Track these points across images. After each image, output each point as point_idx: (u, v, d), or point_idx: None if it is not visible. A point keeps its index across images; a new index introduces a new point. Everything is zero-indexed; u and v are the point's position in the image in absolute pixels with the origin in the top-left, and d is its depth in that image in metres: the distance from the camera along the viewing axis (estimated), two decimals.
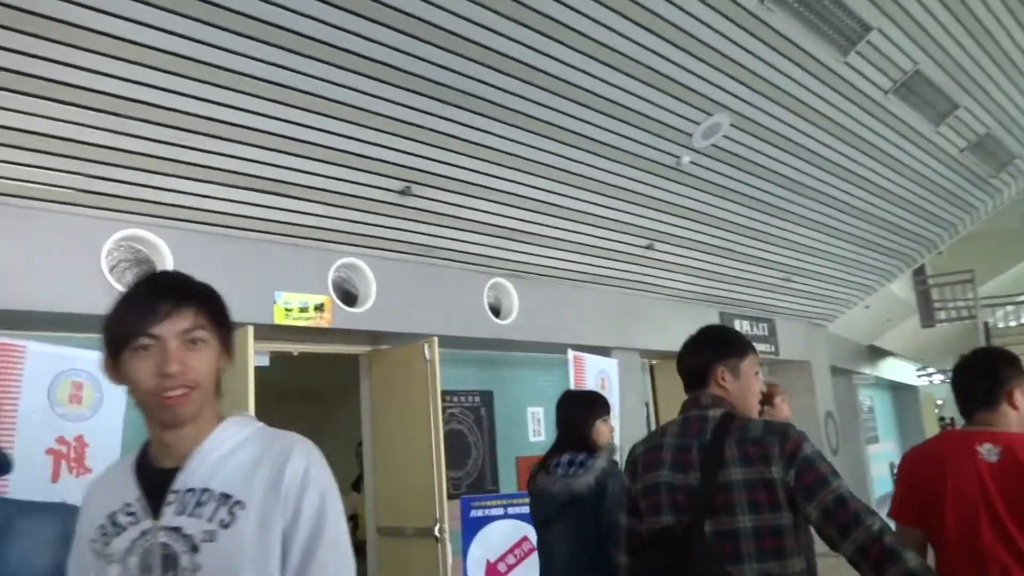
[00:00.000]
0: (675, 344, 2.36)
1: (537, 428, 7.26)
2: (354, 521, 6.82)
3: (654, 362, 8.71)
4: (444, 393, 6.45)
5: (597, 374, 5.95)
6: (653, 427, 8.49)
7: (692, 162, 6.09)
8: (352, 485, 7.51)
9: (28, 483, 3.34)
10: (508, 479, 6.90)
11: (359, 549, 6.13)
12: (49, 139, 3.81)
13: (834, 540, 1.81)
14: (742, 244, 7.71)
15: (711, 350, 2.15)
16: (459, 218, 5.68)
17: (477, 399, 6.81)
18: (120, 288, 4.30)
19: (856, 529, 1.77)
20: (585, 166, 5.72)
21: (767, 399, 5.00)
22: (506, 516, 5.38)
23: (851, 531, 1.77)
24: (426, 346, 5.55)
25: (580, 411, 3.07)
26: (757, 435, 1.89)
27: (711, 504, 1.85)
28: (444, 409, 6.42)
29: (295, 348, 5.66)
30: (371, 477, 6.07)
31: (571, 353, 5.77)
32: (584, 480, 2.80)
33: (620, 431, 7.19)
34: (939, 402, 21.34)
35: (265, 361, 5.68)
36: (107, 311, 1.47)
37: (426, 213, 5.47)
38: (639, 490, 2.07)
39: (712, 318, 8.80)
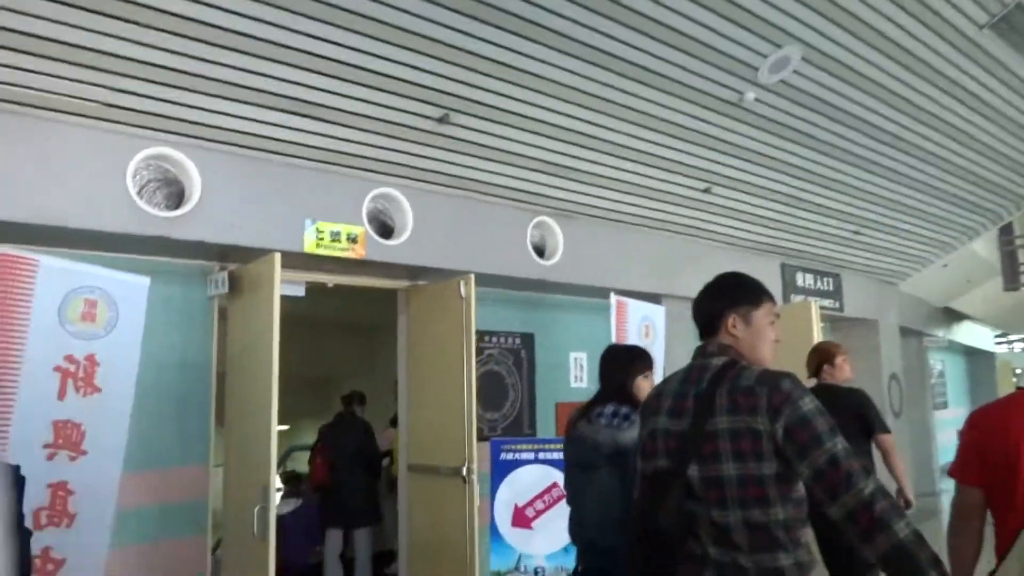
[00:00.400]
0: None
1: (579, 374, 7.05)
2: (390, 457, 6.78)
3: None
4: (483, 333, 6.29)
5: (641, 321, 5.67)
6: None
7: (757, 99, 5.64)
8: (390, 421, 7.48)
9: (34, 400, 3.30)
10: (546, 424, 6.74)
11: (393, 485, 6.10)
12: (74, 48, 3.67)
13: (823, 502, 1.77)
14: (809, 191, 7.22)
15: (724, 297, 2.13)
16: (503, 151, 5.40)
17: (517, 341, 6.61)
18: (149, 209, 4.20)
19: (846, 493, 1.73)
20: (640, 100, 5.33)
21: (828, 358, 4.67)
22: (536, 461, 5.22)
23: (841, 495, 1.73)
24: (462, 283, 5.35)
25: (620, 365, 3.06)
26: (748, 384, 1.88)
27: (698, 451, 1.88)
28: (482, 350, 6.27)
29: (330, 279, 5.53)
30: (404, 414, 5.97)
31: (614, 297, 5.50)
32: (630, 434, 2.77)
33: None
34: (1017, 371, 20.27)
35: (300, 291, 5.58)
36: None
37: (468, 144, 5.21)
38: (644, 435, 2.12)
39: (773, 270, 8.36)
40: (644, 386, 3.07)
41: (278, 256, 4.46)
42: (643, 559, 1.94)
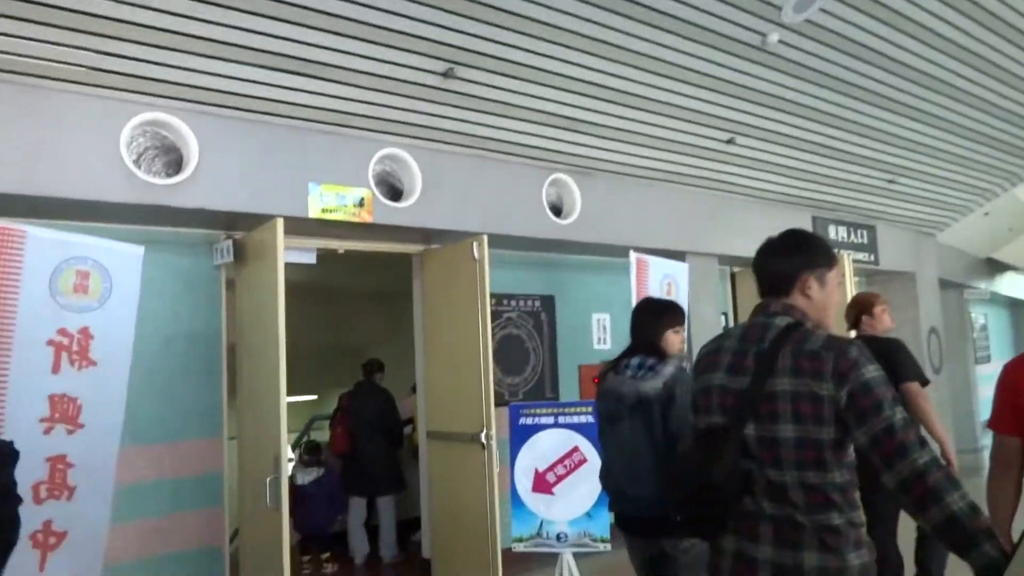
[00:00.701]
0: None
1: (602, 335, 6.87)
2: (412, 424, 6.68)
3: (736, 270, 8.09)
4: (501, 297, 6.14)
5: (662, 279, 5.46)
6: None
7: (781, 41, 5.32)
8: (412, 388, 7.38)
9: (28, 374, 3.22)
10: (569, 387, 6.59)
11: (416, 452, 6.00)
12: (59, 11, 3.52)
13: (878, 469, 1.77)
14: (840, 139, 6.88)
15: (802, 256, 2.05)
16: (514, 105, 5.18)
17: (537, 303, 6.44)
18: (145, 176, 4.08)
19: (900, 462, 1.73)
20: (658, 47, 5.06)
21: (866, 308, 4.46)
22: (556, 425, 5.07)
23: (895, 463, 1.73)
24: (475, 245, 5.18)
25: (651, 318, 3.03)
26: (814, 348, 1.85)
27: (756, 410, 1.88)
28: (501, 313, 6.12)
29: (340, 245, 5.39)
30: (422, 380, 5.86)
31: (633, 255, 5.29)
32: (652, 384, 2.81)
33: (692, 341, 6.73)
34: None
35: (311, 259, 5.46)
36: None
37: (476, 99, 5.00)
38: (697, 389, 2.11)
39: (804, 223, 8.05)
40: (674, 340, 3.06)
41: (280, 222, 4.32)
42: (695, 513, 1.96)
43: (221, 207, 4.36)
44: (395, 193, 5.19)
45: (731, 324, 8.03)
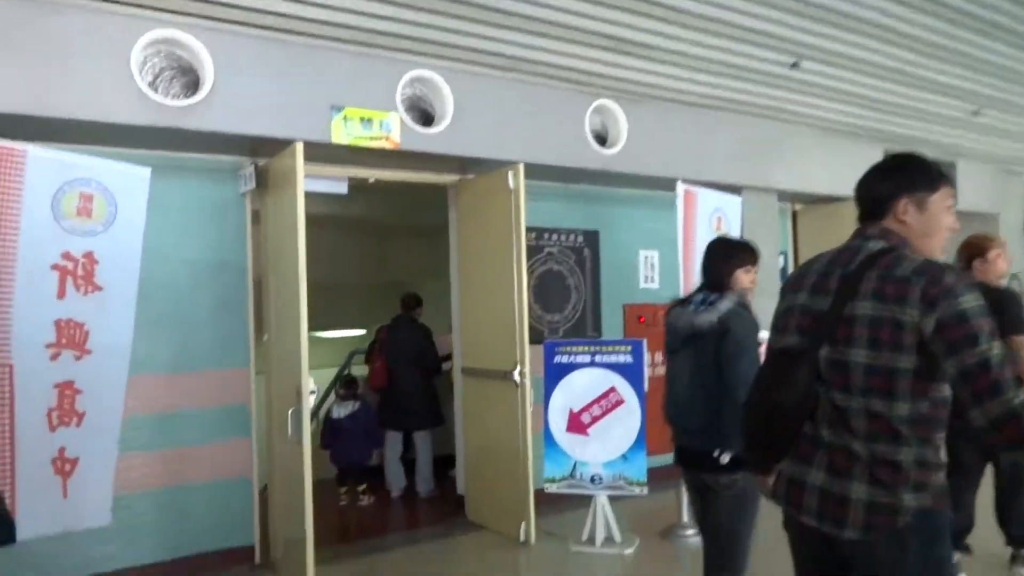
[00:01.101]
0: (825, 186, 1.95)
1: (649, 274, 6.55)
2: (450, 361, 6.54)
3: (798, 207, 7.60)
4: (542, 231, 5.88)
5: (711, 213, 5.10)
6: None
7: None
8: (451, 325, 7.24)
9: (33, 300, 3.13)
10: (613, 327, 6.32)
11: (452, 389, 5.87)
12: None
13: (966, 404, 1.67)
14: (917, 64, 6.26)
15: (897, 179, 1.97)
16: (555, 23, 4.80)
17: (580, 239, 6.15)
18: (158, 98, 3.91)
19: (992, 400, 1.63)
20: None
21: (979, 252, 4.24)
22: (593, 364, 4.83)
23: (985, 401, 1.63)
24: (510, 174, 4.91)
25: (722, 256, 3.00)
26: (903, 274, 1.76)
27: (832, 332, 1.83)
28: (541, 248, 5.87)
29: (370, 174, 5.18)
30: (457, 316, 5.68)
31: (681, 186, 4.93)
32: (707, 317, 2.80)
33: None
34: None
35: (342, 188, 5.28)
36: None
37: (513, 17, 4.63)
38: (779, 310, 2.09)
39: (874, 158, 7.43)
40: (743, 279, 3.02)
41: (300, 147, 4.12)
42: (759, 434, 1.95)
43: (238, 131, 4.18)
44: (427, 119, 4.93)
45: (791, 265, 7.59)
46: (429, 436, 6.23)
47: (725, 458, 2.73)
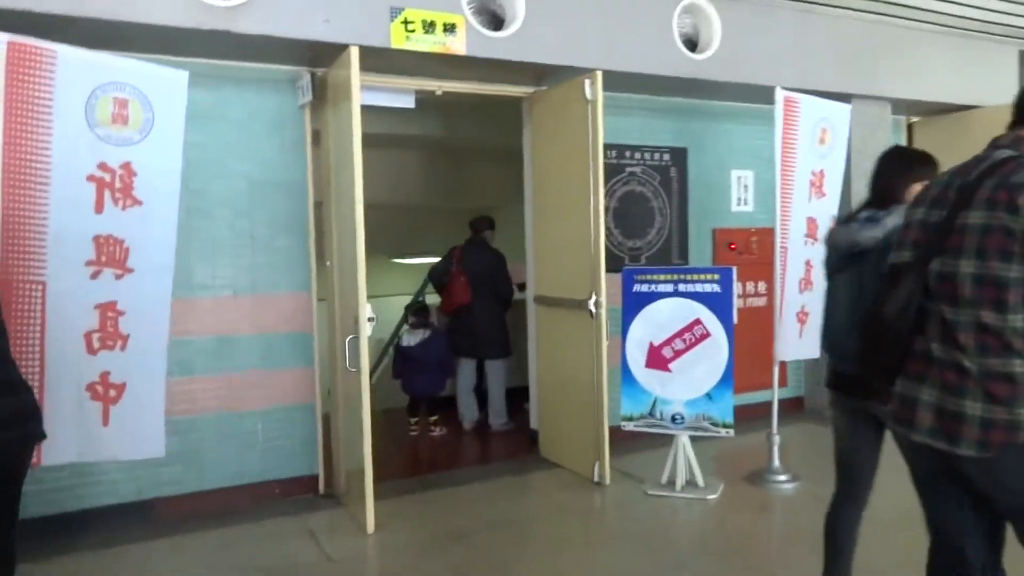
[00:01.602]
0: (946, 94, 1.61)
1: (743, 196, 5.99)
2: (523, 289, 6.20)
3: (914, 119, 6.80)
4: (624, 148, 5.40)
5: (816, 124, 4.48)
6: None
7: None
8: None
9: (69, 213, 2.93)
10: (701, 254, 5.83)
11: None
12: None
13: None
14: None
15: None
16: None
17: (667, 157, 5.63)
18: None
19: None
20: None
21: None
22: (676, 294, 4.40)
23: None
24: (587, 83, 4.43)
25: (896, 168, 2.70)
26: (1018, 180, 1.65)
27: (943, 244, 1.78)
28: (622, 167, 5.40)
29: (437, 85, 4.78)
30: (531, 242, 5.30)
31: (780, 92, 4.34)
32: (870, 233, 2.58)
33: (854, 196, 5.75)
34: None
35: (409, 102, 4.91)
36: None
37: None
38: (902, 226, 2.00)
39: (1007, 60, 6.56)
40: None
41: (355, 52, 3.76)
42: (870, 351, 1.94)
43: (289, 34, 3.84)
44: (496, 22, 4.48)
45: None
46: (502, 367, 5.96)
47: None
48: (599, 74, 4.39)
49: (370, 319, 3.91)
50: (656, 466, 4.56)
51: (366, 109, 3.94)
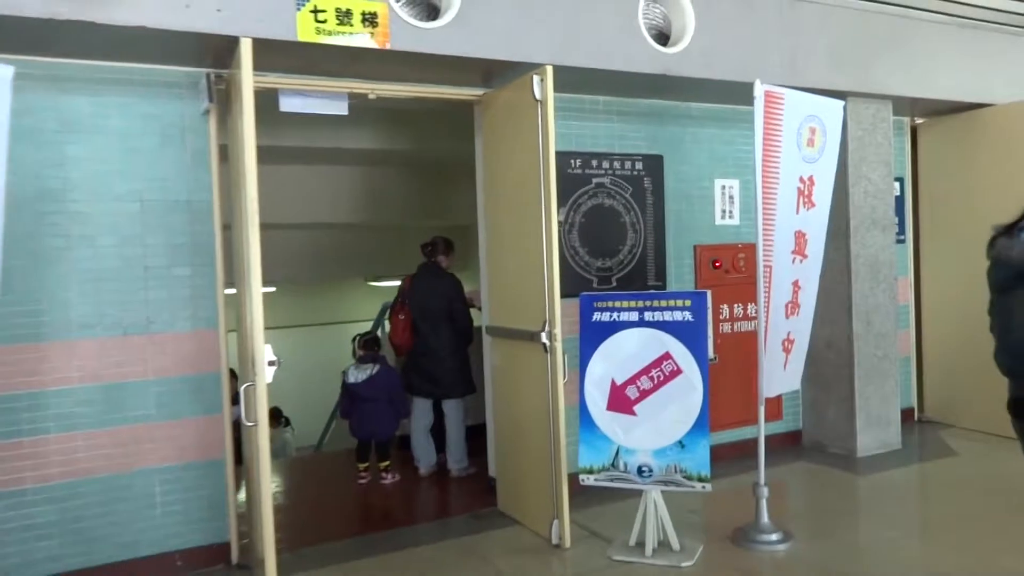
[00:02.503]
0: (955, 92, 1.28)
1: (728, 208, 5.35)
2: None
3: (919, 120, 6.15)
4: (589, 157, 4.81)
5: (803, 121, 3.84)
6: (907, 208, 6.16)
7: None
8: None
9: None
10: (681, 273, 5.19)
11: None
12: None
13: None
14: None
15: None
16: None
17: (639, 166, 5.00)
18: None
19: None
20: None
21: None
22: (642, 323, 3.76)
23: None
24: (536, 80, 3.81)
25: None
26: None
27: None
28: (588, 178, 4.81)
29: (369, 88, 4.17)
30: (484, 265, 4.67)
31: (760, 86, 3.71)
32: None
33: (851, 206, 5.13)
34: None
35: (342, 109, 4.31)
36: None
37: None
38: None
39: (1023, 56, 5.91)
40: None
41: (247, 45, 3.15)
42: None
43: (169, 26, 3.24)
44: (433, 12, 3.88)
45: (908, 195, 6.19)
46: (460, 405, 5.31)
47: None
48: (549, 69, 3.77)
49: (272, 363, 3.28)
50: (626, 520, 3.90)
51: (312, 119, 3.35)
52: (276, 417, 6.79)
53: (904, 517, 4.39)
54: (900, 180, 6.04)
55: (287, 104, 4.17)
